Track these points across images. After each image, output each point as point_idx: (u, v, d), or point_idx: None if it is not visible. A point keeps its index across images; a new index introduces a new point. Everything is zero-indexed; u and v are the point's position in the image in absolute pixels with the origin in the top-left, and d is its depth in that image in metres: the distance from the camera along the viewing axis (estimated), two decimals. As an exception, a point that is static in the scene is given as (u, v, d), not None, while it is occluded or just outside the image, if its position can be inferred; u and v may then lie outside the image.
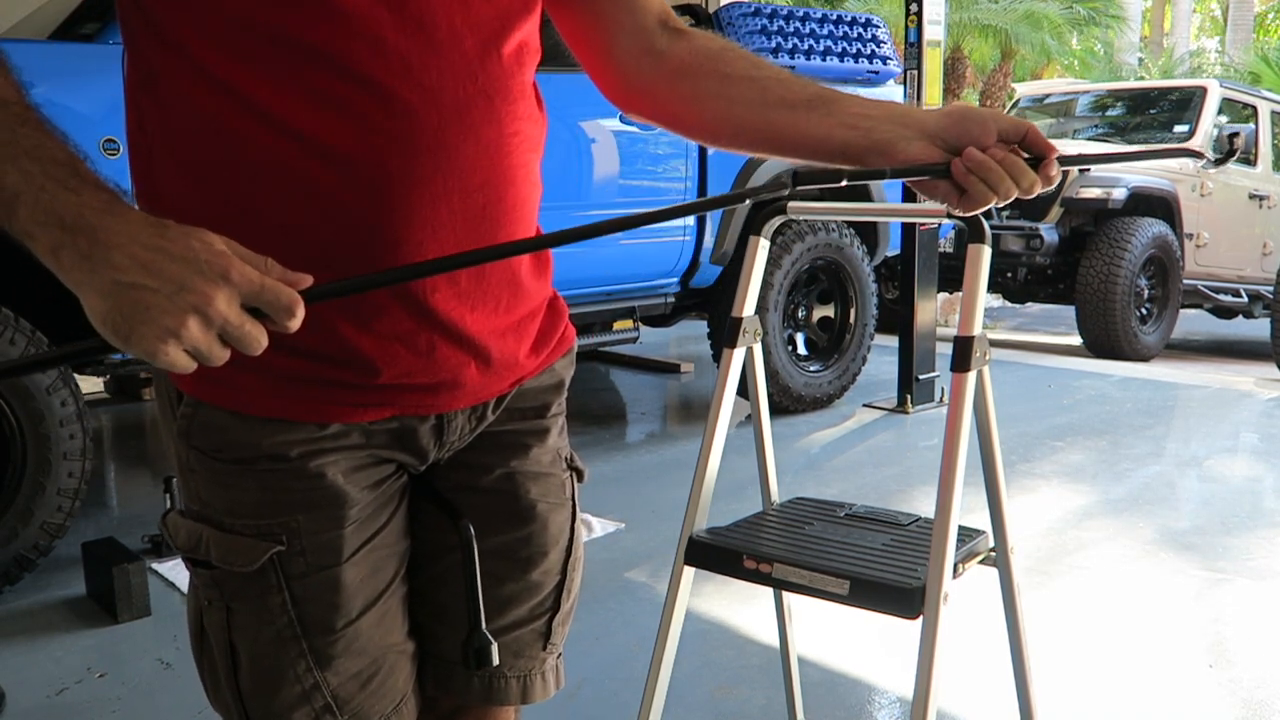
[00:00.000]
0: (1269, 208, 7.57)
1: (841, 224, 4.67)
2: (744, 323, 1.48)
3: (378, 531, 0.93)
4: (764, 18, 4.54)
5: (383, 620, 0.94)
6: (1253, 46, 18.60)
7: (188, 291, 0.66)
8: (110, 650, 2.46)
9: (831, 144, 0.95)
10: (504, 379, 0.96)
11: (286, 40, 0.79)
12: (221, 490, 0.89)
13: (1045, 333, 8.16)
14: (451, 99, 0.83)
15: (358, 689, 0.92)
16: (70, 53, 2.91)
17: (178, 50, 0.81)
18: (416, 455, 0.95)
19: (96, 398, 5.23)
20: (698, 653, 2.39)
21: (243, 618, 0.90)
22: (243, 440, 0.87)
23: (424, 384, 0.90)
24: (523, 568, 1.02)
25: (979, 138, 0.90)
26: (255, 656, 0.90)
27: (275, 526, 0.88)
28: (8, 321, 2.67)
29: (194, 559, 0.90)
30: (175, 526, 0.92)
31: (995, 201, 0.92)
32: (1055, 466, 3.97)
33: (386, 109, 0.80)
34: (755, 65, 1.00)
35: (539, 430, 1.02)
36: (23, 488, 2.70)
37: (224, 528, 0.88)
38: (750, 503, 1.67)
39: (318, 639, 0.90)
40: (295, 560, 0.88)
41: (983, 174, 0.90)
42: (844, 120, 0.95)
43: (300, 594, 0.89)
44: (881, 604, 1.29)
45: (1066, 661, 2.38)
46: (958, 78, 13.28)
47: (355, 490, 0.90)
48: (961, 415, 1.25)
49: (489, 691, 1.02)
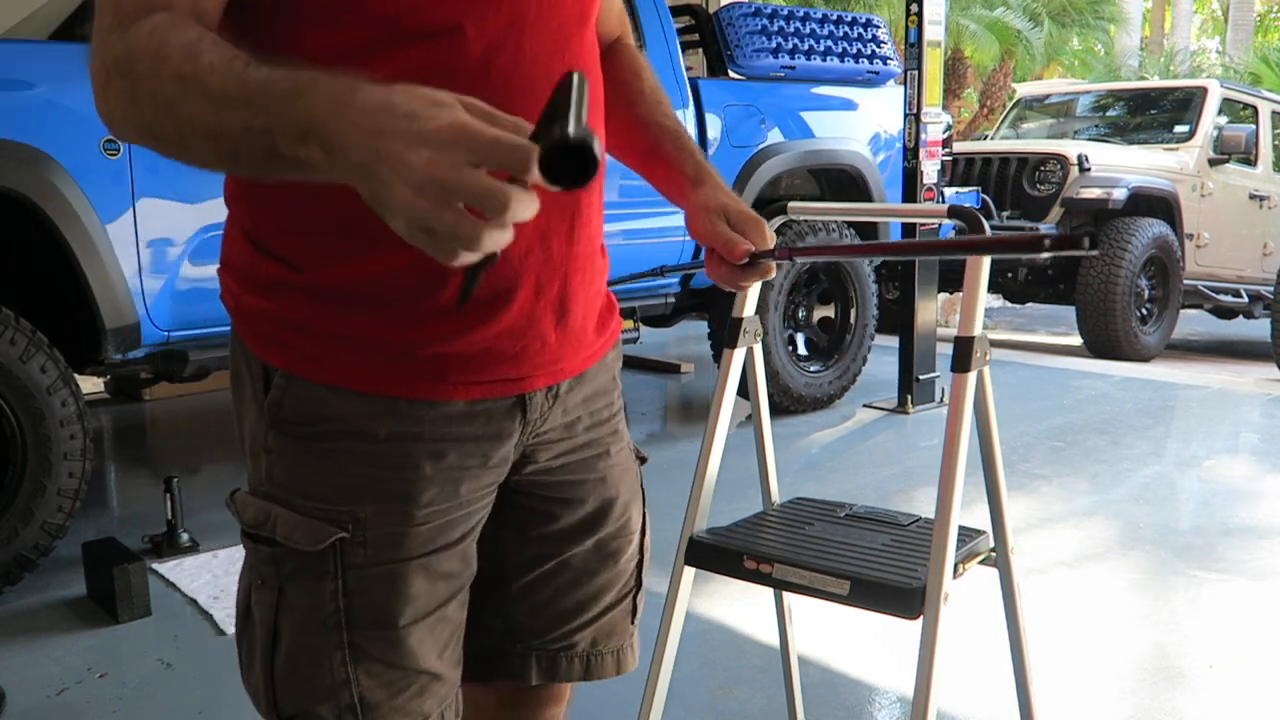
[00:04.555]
0: (1269, 208, 7.57)
1: (842, 224, 4.67)
2: (744, 323, 1.48)
3: (445, 547, 0.94)
4: (764, 18, 4.54)
5: (427, 638, 0.94)
6: (1253, 47, 18.61)
7: (408, 166, 0.62)
8: (110, 650, 2.46)
9: (671, 165, 1.12)
10: (575, 353, 1.00)
11: (398, 22, 0.84)
12: (299, 471, 0.91)
13: (1045, 333, 8.16)
14: (544, 70, 0.88)
15: (386, 698, 0.93)
16: (70, 53, 2.91)
17: (291, 44, 0.84)
18: (503, 439, 0.96)
19: (96, 398, 5.23)
20: (698, 653, 2.39)
21: (292, 600, 0.91)
22: (334, 414, 0.90)
23: (510, 351, 0.93)
24: (613, 559, 1.10)
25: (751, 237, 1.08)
26: (295, 641, 0.91)
27: (344, 514, 0.90)
28: (8, 321, 2.67)
29: (256, 536, 0.92)
30: (244, 503, 0.94)
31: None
32: (1055, 466, 3.97)
33: (486, 80, 0.85)
34: (656, 107, 1.14)
35: (614, 430, 1.10)
36: (23, 488, 2.70)
37: (294, 508, 0.90)
38: (750, 503, 1.67)
39: (358, 634, 0.91)
40: (355, 550, 0.90)
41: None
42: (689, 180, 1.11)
43: (353, 586, 0.90)
44: (882, 604, 1.29)
45: (1067, 661, 2.38)
46: (958, 78, 13.28)
47: (434, 488, 0.92)
48: (962, 415, 1.25)
49: (588, 668, 1.10)
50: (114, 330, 2.90)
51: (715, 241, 1.07)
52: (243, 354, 0.94)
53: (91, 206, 2.81)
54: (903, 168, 4.80)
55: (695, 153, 1.12)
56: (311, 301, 0.89)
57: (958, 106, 13.74)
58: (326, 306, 0.89)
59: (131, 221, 2.90)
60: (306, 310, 0.90)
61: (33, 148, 2.72)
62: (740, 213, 1.08)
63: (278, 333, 0.91)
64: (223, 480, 3.96)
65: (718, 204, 1.07)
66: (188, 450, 4.62)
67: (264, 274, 0.91)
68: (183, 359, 3.10)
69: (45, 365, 2.71)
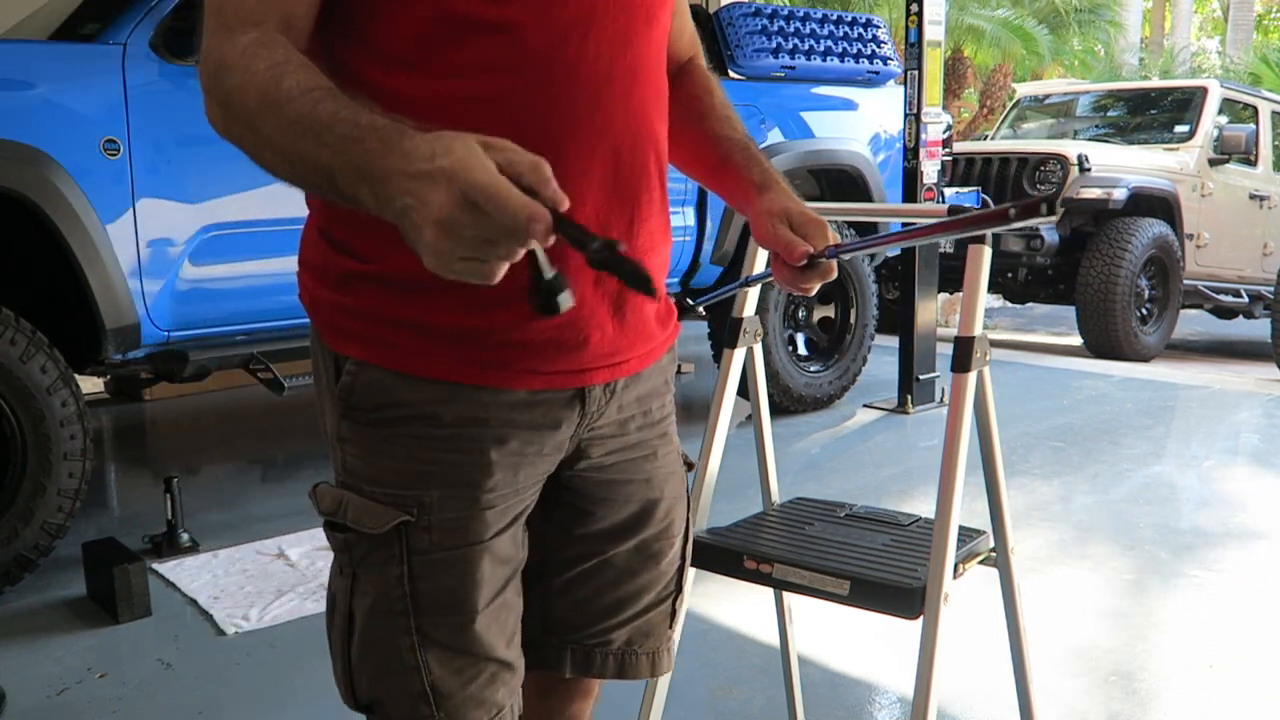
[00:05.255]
0: (1269, 208, 7.57)
1: (842, 224, 4.67)
2: (744, 323, 1.48)
3: (502, 530, 0.96)
4: (764, 18, 4.54)
5: (494, 624, 0.96)
6: (1253, 47, 18.60)
7: (427, 204, 0.67)
8: (110, 650, 2.46)
9: (738, 174, 1.13)
10: (633, 347, 1.02)
11: (471, 21, 0.88)
12: (370, 458, 0.94)
13: (1045, 333, 8.16)
14: (605, 69, 0.92)
15: (458, 686, 0.94)
16: (70, 53, 2.91)
17: (370, 54, 0.90)
18: (561, 427, 0.98)
19: (96, 398, 5.23)
20: (698, 653, 2.39)
21: (365, 585, 0.94)
22: (402, 399, 0.93)
23: (572, 341, 0.95)
24: (655, 560, 1.11)
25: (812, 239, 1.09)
26: (367, 626, 0.94)
27: (409, 499, 0.92)
28: (8, 321, 2.67)
29: (333, 523, 0.96)
30: (323, 493, 0.97)
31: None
32: (1055, 466, 3.97)
33: (549, 74, 0.90)
34: (726, 121, 1.16)
35: (663, 433, 1.12)
36: (23, 488, 2.70)
37: (365, 494, 0.94)
38: (750, 503, 1.67)
39: (426, 620, 0.93)
40: (420, 535, 0.92)
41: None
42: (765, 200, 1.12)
43: (419, 570, 0.92)
44: (882, 604, 1.29)
45: (1067, 661, 2.38)
46: (958, 78, 13.27)
47: (499, 473, 0.94)
48: (962, 415, 1.25)
49: (622, 668, 1.12)
50: (114, 330, 2.90)
51: (777, 245, 1.09)
52: (319, 347, 0.98)
53: (91, 206, 2.81)
54: (903, 168, 4.80)
55: (762, 161, 1.14)
56: (381, 290, 0.92)
57: (958, 106, 13.73)
58: (395, 294, 0.92)
59: (131, 221, 2.90)
60: (376, 299, 0.93)
61: (33, 148, 2.72)
62: (802, 214, 1.09)
63: (349, 323, 0.94)
64: (223, 480, 3.96)
65: (780, 208, 1.09)
66: (188, 450, 4.62)
67: (337, 268, 0.95)
68: (183, 359, 3.10)
69: (45, 365, 2.71)
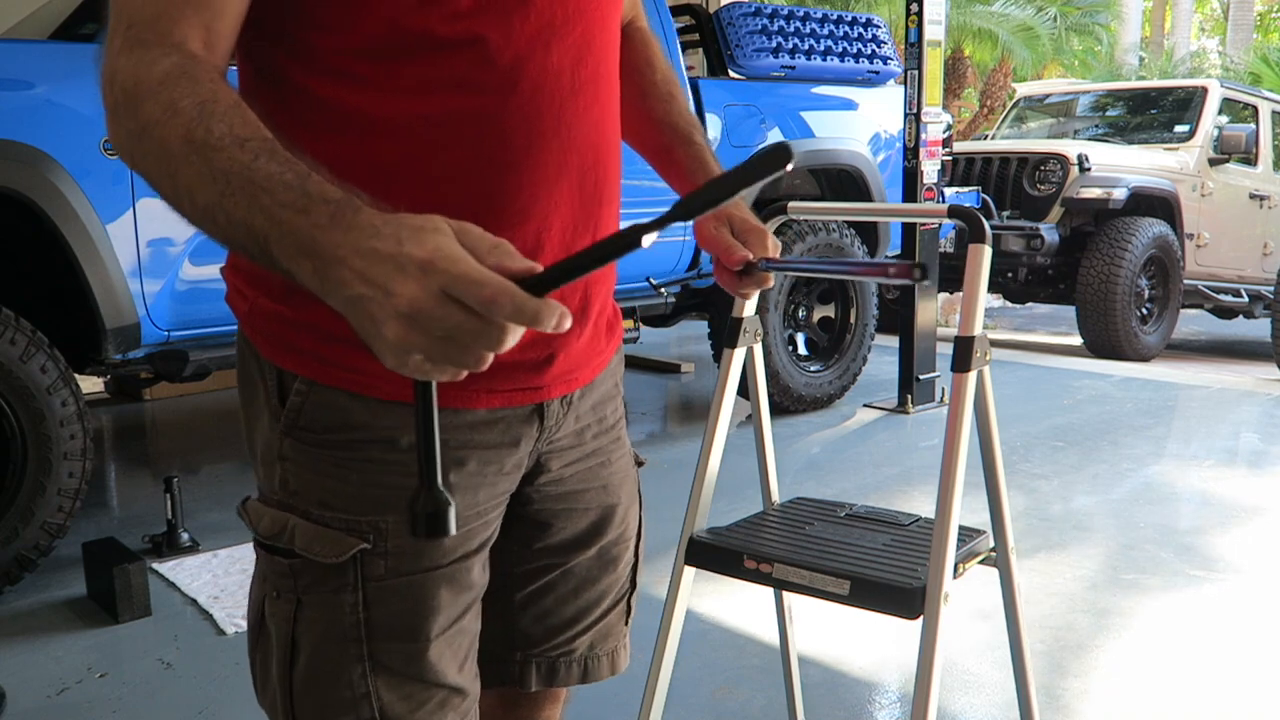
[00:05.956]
0: (1269, 208, 7.57)
1: (842, 224, 4.67)
2: (744, 323, 1.48)
3: (465, 556, 0.93)
4: (764, 18, 4.54)
5: (447, 651, 0.93)
6: (1253, 47, 18.60)
7: (391, 295, 0.60)
8: (110, 650, 2.46)
9: (683, 173, 1.14)
10: (589, 361, 1.01)
11: (428, 37, 0.82)
12: (318, 480, 0.89)
13: (1045, 333, 8.16)
14: (569, 82, 0.88)
15: (407, 712, 0.91)
16: (70, 53, 2.91)
17: (313, 65, 0.83)
18: (519, 446, 0.96)
19: (96, 398, 5.23)
20: (698, 653, 2.39)
21: (311, 611, 0.89)
22: (358, 422, 0.87)
23: (533, 360, 0.93)
24: (614, 565, 1.11)
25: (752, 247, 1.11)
26: (314, 654, 0.89)
27: (365, 525, 0.88)
28: (8, 321, 2.67)
29: (273, 547, 0.90)
30: (258, 513, 0.91)
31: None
32: (1055, 466, 3.96)
33: (514, 92, 0.85)
34: (669, 101, 1.16)
35: (617, 437, 1.10)
36: (23, 488, 2.70)
37: (312, 518, 0.88)
38: (750, 503, 1.67)
39: (379, 646, 0.89)
40: (375, 562, 0.88)
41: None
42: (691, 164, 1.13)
43: (373, 598, 0.88)
44: (882, 604, 1.28)
45: (1066, 661, 2.38)
46: (958, 78, 13.28)
47: (457, 496, 0.90)
48: (962, 415, 1.25)
49: (586, 672, 1.12)
50: (114, 330, 2.90)
51: (716, 248, 1.10)
52: (254, 359, 0.91)
53: (91, 206, 2.81)
54: (903, 167, 4.80)
55: (707, 159, 1.13)
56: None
57: (958, 106, 13.74)
58: None
59: (131, 221, 2.90)
60: (330, 315, 0.86)
61: (33, 148, 2.72)
62: (744, 220, 1.10)
63: (297, 338, 0.88)
64: (223, 480, 3.96)
65: (724, 213, 1.10)
66: (188, 450, 4.62)
67: (280, 276, 0.91)
68: (183, 359, 3.10)
69: (45, 365, 2.72)
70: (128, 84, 0.72)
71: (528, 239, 0.88)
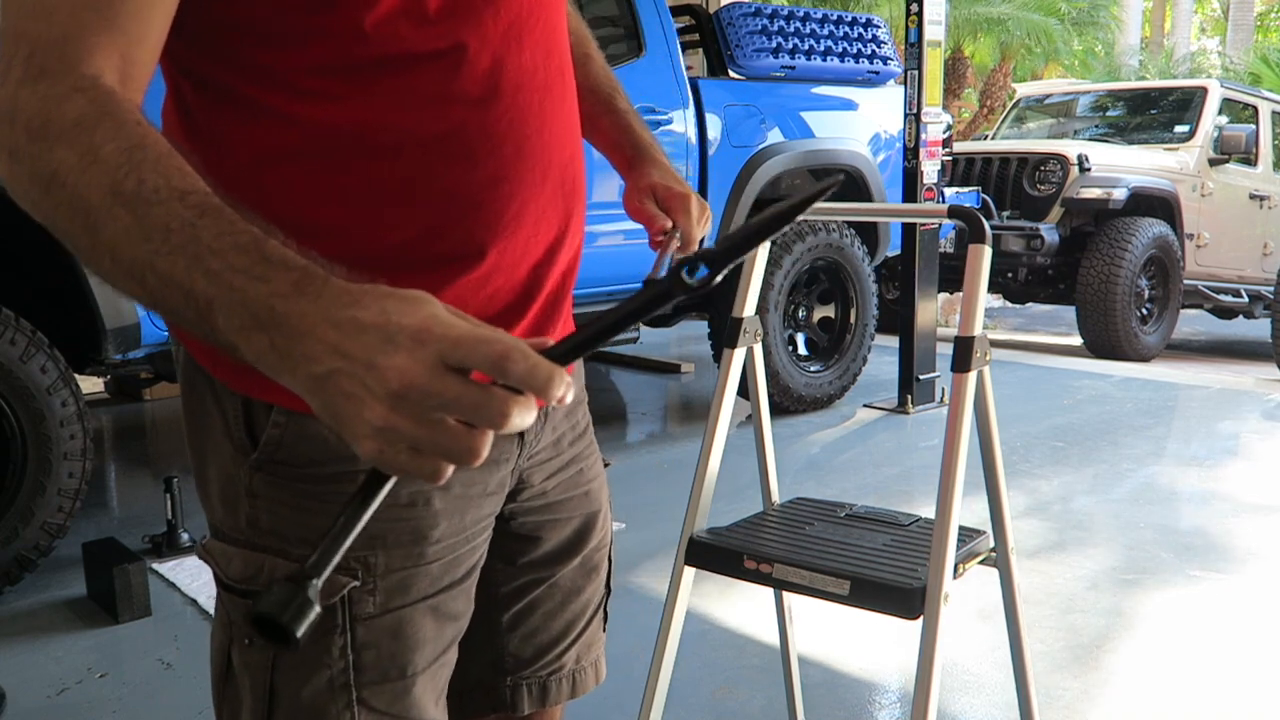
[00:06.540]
0: (1269, 208, 7.57)
1: (842, 224, 4.67)
2: (744, 323, 1.48)
3: (452, 585, 0.89)
4: (764, 18, 4.54)
5: (430, 685, 0.89)
6: (1253, 47, 18.60)
7: (375, 369, 0.54)
8: (110, 650, 2.46)
9: (610, 143, 1.15)
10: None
11: (401, 46, 0.76)
12: (298, 516, 0.82)
13: (1045, 333, 8.16)
14: (542, 79, 0.86)
15: None
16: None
17: (267, 82, 0.76)
18: (501, 463, 0.93)
19: (96, 398, 5.23)
20: (698, 653, 2.39)
21: (294, 658, 0.82)
22: (345, 453, 0.78)
23: None
24: (595, 571, 1.09)
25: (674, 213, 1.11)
26: (299, 703, 0.82)
27: (353, 560, 0.82)
28: (8, 321, 2.67)
29: (246, 591, 0.83)
30: (225, 556, 0.84)
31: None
32: (1055, 466, 3.96)
33: (495, 99, 0.82)
34: (602, 71, 1.16)
35: (589, 441, 1.09)
36: (23, 488, 2.70)
37: (293, 558, 0.81)
38: (750, 503, 1.67)
39: (368, 690, 0.84)
40: (365, 599, 0.83)
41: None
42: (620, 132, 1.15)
43: (362, 638, 0.83)
44: (882, 604, 1.29)
45: (1066, 661, 2.38)
46: (958, 78, 13.28)
47: (444, 521, 0.86)
48: (962, 415, 1.25)
49: (574, 686, 1.09)
50: (114, 330, 2.90)
51: (640, 219, 1.11)
52: (208, 388, 0.83)
53: (91, 206, 2.81)
54: (903, 167, 4.80)
55: (634, 130, 1.14)
56: None
57: (958, 106, 13.74)
58: None
59: (131, 221, 2.90)
60: None
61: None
62: (666, 189, 1.11)
63: None
64: (223, 480, 3.95)
65: (647, 184, 1.11)
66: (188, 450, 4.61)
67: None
68: (183, 359, 3.09)
69: (45, 365, 2.72)
70: (33, 124, 0.62)
71: (518, 248, 0.85)
